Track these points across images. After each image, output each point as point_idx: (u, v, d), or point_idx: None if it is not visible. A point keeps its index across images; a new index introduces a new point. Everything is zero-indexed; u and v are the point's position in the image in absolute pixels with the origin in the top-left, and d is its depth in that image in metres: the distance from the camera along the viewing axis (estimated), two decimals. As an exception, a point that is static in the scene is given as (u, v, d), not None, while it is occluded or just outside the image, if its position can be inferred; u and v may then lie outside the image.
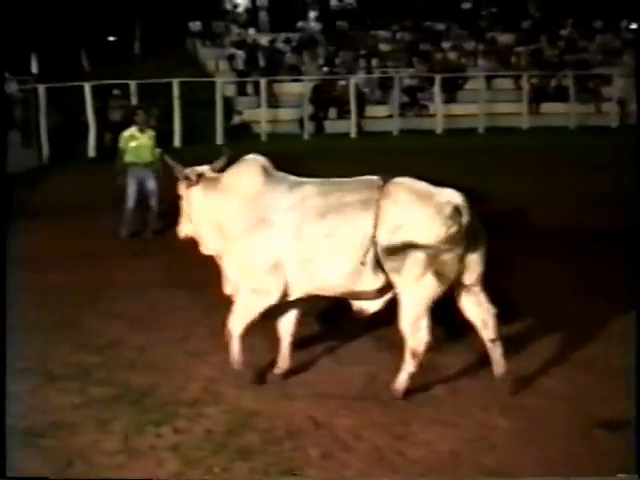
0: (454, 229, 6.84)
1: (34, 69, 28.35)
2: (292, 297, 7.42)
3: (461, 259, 6.99)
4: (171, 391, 7.38)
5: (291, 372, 7.75)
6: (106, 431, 6.65)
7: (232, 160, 7.81)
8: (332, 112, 26.50)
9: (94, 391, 7.40)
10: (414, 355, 7.09)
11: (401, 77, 27.15)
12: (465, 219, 6.90)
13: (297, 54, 29.16)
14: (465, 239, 6.95)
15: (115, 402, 7.17)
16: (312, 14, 31.93)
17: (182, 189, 7.83)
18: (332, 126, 26.22)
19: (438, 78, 26.33)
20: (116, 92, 24.55)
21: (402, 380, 7.19)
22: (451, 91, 27.11)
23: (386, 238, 6.92)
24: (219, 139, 24.86)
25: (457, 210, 6.89)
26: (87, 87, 23.69)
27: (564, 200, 14.97)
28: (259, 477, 6.10)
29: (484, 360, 7.65)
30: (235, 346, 7.52)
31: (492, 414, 6.96)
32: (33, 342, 8.61)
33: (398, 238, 6.88)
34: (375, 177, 7.22)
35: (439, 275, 6.92)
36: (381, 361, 7.94)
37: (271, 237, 7.22)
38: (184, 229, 7.96)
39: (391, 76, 27.30)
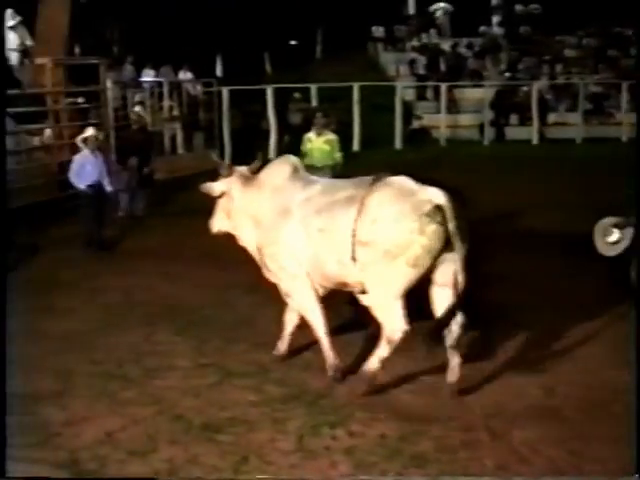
0: (431, 226, 7.01)
1: (218, 72, 29.07)
2: (314, 286, 7.79)
3: (436, 256, 7.10)
4: (346, 394, 7.37)
5: (465, 381, 7.61)
6: (281, 430, 6.69)
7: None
8: (513, 118, 26.13)
9: (270, 390, 7.48)
10: (389, 342, 7.23)
11: (586, 84, 26.51)
12: (447, 217, 7.03)
13: (479, 59, 28.89)
14: (444, 237, 7.06)
15: (291, 402, 7.22)
16: (495, 19, 31.53)
17: (224, 185, 8.38)
18: (513, 132, 25.86)
19: (625, 85, 25.59)
20: (297, 95, 24.86)
21: (373, 362, 7.32)
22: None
23: (364, 231, 7.22)
24: (398, 144, 24.89)
25: (437, 208, 7.05)
26: (269, 90, 24.08)
27: None
28: (432, 485, 6.03)
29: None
30: (326, 345, 7.82)
31: (677, 435, 6.65)
32: (212, 339, 8.78)
33: (374, 231, 7.17)
34: (370, 177, 7.54)
35: (411, 267, 7.08)
36: (559, 373, 7.75)
37: (291, 225, 7.75)
38: (218, 224, 8.58)
39: (576, 83, 26.69)
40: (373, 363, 7.33)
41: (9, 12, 17.05)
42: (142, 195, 15.46)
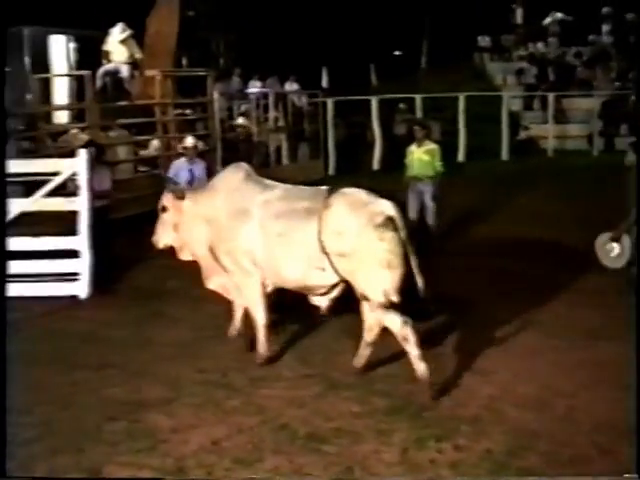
0: (387, 235, 7.47)
1: (324, 83, 29.21)
2: (268, 288, 8.37)
3: (404, 258, 7.51)
4: (452, 407, 7.28)
5: (572, 396, 7.50)
6: (386, 442, 6.63)
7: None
8: (623, 128, 25.59)
9: (375, 401, 7.43)
10: (405, 340, 7.49)
11: (699, 92, 25.84)
12: (398, 226, 7.54)
13: (589, 68, 28.41)
14: (401, 243, 7.52)
15: (396, 414, 7.16)
16: (605, 27, 30.97)
17: (171, 201, 9.03)
18: (623, 143, 25.28)
19: None
20: (402, 106, 24.82)
21: (420, 368, 7.46)
22: None
23: (332, 244, 7.67)
24: (504, 155, 24.63)
25: (389, 219, 7.55)
26: (374, 101, 24.08)
27: None
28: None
29: None
30: (262, 337, 8.40)
31: None
32: (317, 350, 8.78)
33: (341, 244, 7.63)
34: (324, 187, 8.11)
35: (386, 268, 7.48)
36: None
37: (247, 225, 8.19)
38: (164, 239, 9.25)
39: (687, 92, 26.05)
40: (419, 367, 7.47)
41: (119, 26, 17.44)
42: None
